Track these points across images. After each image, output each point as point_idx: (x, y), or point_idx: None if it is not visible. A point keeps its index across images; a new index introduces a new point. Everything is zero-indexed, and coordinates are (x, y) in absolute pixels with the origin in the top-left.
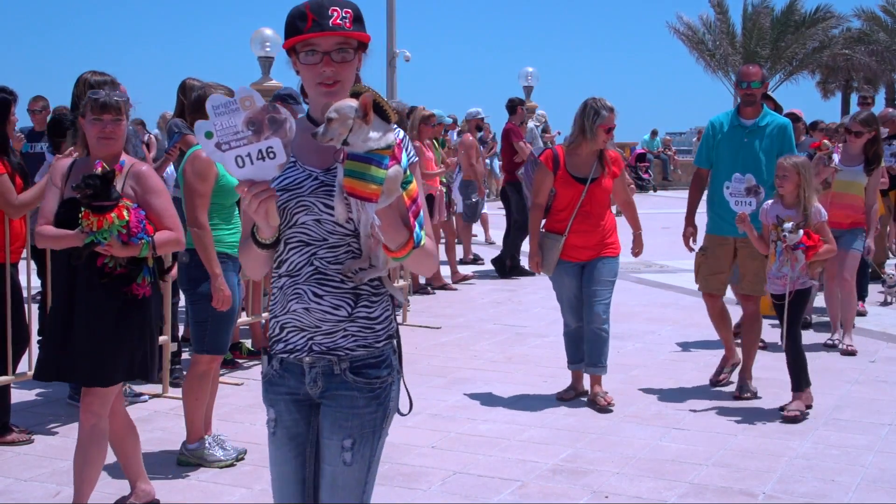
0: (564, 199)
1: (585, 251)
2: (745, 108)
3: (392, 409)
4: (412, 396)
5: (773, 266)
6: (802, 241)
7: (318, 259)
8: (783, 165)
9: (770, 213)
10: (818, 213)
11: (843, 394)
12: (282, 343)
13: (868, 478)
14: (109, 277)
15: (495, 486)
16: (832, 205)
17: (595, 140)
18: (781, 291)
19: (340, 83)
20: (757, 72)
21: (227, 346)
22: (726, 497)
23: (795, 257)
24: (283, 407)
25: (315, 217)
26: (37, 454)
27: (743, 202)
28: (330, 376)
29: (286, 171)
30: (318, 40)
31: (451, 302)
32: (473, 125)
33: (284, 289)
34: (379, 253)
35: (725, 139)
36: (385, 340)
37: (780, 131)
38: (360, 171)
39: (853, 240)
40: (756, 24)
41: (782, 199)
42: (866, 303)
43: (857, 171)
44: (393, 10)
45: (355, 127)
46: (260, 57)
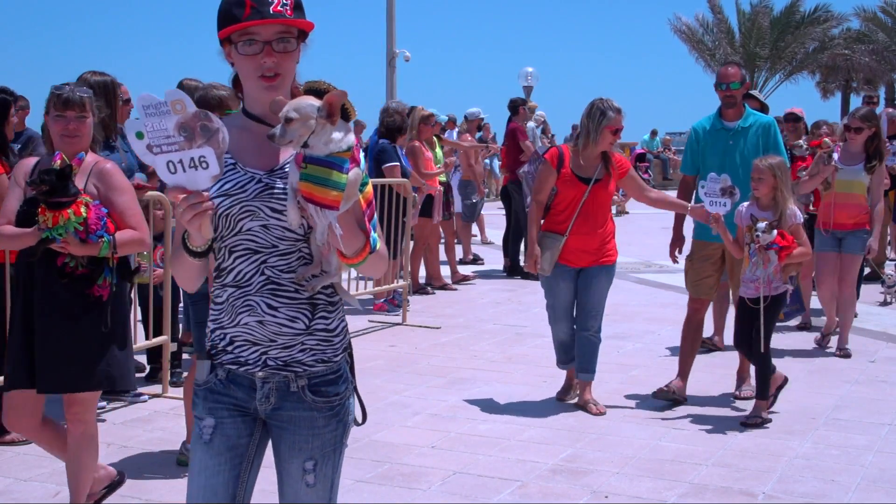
0: (566, 199)
1: (584, 256)
2: (726, 110)
3: (350, 423)
4: (414, 397)
5: (747, 269)
6: (776, 242)
7: (269, 268)
8: (758, 167)
9: (745, 216)
10: (794, 216)
11: (843, 394)
12: (230, 355)
13: (868, 478)
14: (70, 278)
15: (495, 486)
16: (834, 206)
17: (601, 141)
18: (754, 295)
19: (282, 76)
20: (736, 73)
21: None
22: (726, 497)
23: (768, 258)
24: (227, 415)
25: (262, 223)
26: (37, 454)
27: (717, 202)
28: (285, 393)
29: (226, 175)
30: (258, 29)
31: (451, 302)
32: (474, 125)
33: (232, 300)
34: (332, 258)
35: (709, 144)
36: (342, 353)
37: (765, 131)
38: (321, 175)
39: (856, 243)
40: (755, 24)
41: (758, 201)
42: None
43: (858, 169)
44: (393, 10)
45: (318, 128)
46: None
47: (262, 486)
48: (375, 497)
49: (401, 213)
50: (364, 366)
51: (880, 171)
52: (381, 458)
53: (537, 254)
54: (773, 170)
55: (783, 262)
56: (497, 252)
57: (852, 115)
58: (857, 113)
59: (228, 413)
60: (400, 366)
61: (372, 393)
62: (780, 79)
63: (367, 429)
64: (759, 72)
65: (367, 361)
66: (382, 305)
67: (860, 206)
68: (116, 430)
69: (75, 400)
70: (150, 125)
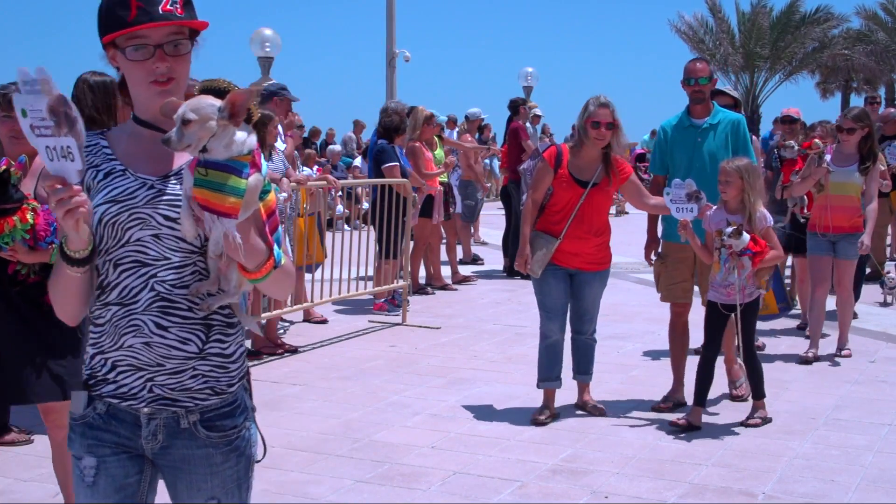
0: (561, 200)
1: (576, 258)
2: (694, 106)
3: (253, 455)
4: (413, 397)
5: (718, 274)
6: (749, 247)
7: (159, 283)
8: (725, 170)
9: (713, 220)
10: (763, 218)
11: (843, 394)
12: (111, 385)
13: (868, 478)
14: (22, 286)
15: (495, 486)
16: (829, 208)
17: (587, 138)
18: (727, 301)
19: (176, 80)
20: (704, 68)
21: None
22: (726, 497)
23: (742, 263)
24: (109, 453)
25: (153, 232)
26: (36, 454)
27: (684, 209)
28: (175, 430)
29: (114, 181)
30: (147, 32)
31: (451, 302)
32: (475, 125)
33: (115, 320)
34: (231, 274)
35: (678, 142)
36: (239, 382)
37: (734, 128)
38: (219, 181)
39: (850, 248)
40: (755, 24)
41: (725, 204)
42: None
43: (852, 170)
44: (393, 10)
45: (219, 130)
46: (260, 57)
47: (264, 487)
48: (375, 497)
49: (400, 213)
50: (364, 366)
51: (873, 171)
52: (381, 458)
53: (528, 254)
54: (740, 172)
55: (756, 268)
56: (497, 252)
57: (844, 115)
58: (849, 113)
59: (111, 451)
60: (400, 366)
61: (372, 393)
62: (779, 79)
63: (367, 429)
64: (758, 72)
65: (367, 361)
66: (382, 305)
67: (855, 208)
68: None
69: (51, 409)
70: (29, 103)
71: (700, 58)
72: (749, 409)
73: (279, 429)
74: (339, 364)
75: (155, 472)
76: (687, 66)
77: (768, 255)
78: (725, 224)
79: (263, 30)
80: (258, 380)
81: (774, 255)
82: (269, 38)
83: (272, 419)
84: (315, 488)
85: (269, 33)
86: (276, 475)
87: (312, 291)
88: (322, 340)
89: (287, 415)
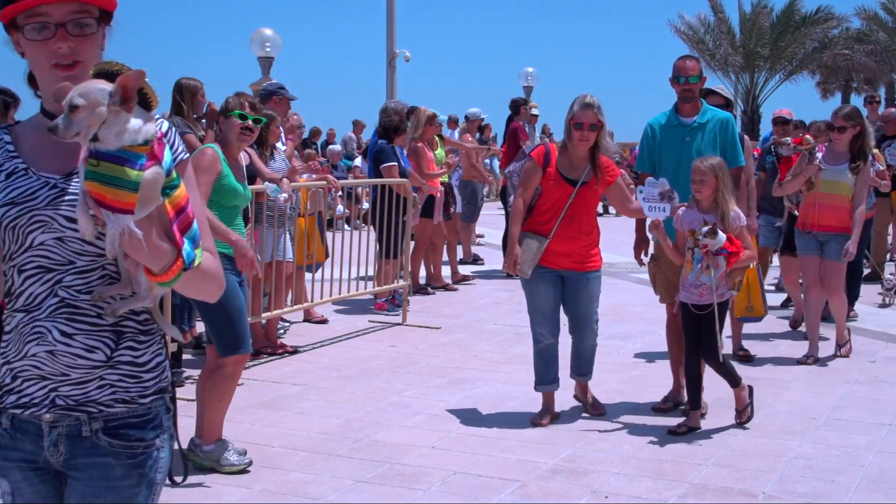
0: (550, 199)
1: (565, 259)
2: (683, 105)
3: (160, 483)
4: (414, 397)
5: (690, 274)
6: (725, 247)
7: (64, 288)
8: (699, 168)
9: (685, 220)
10: (738, 218)
11: (843, 394)
12: (14, 395)
13: (868, 478)
14: None
15: (495, 486)
16: (818, 206)
17: (570, 139)
18: (699, 301)
19: (82, 64)
20: (694, 66)
21: (247, 341)
22: (726, 497)
23: (717, 263)
24: (21, 476)
25: (56, 235)
26: None
27: (657, 208)
28: (76, 440)
29: (15, 181)
30: (48, 8)
31: (451, 302)
32: (475, 125)
33: (20, 327)
34: (140, 277)
35: (665, 140)
36: (154, 395)
37: (723, 127)
38: (111, 174)
39: (839, 249)
40: (756, 24)
41: (698, 204)
42: (858, 303)
43: (843, 169)
44: (393, 10)
45: (110, 117)
46: (260, 57)
47: (264, 487)
48: (375, 497)
49: (400, 213)
50: (364, 366)
51: (864, 172)
52: (381, 458)
53: (517, 254)
54: (714, 171)
55: (731, 267)
56: (497, 252)
57: (835, 113)
58: (840, 111)
59: (21, 473)
60: (400, 366)
61: (372, 393)
62: (780, 79)
63: (367, 429)
64: (759, 72)
65: (368, 361)
66: (383, 305)
67: (845, 208)
68: None
69: None
70: None
71: (690, 55)
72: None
73: (279, 429)
74: (340, 364)
75: None
76: (676, 63)
77: (743, 256)
78: (700, 223)
79: (263, 30)
80: (258, 380)
81: (749, 256)
82: (269, 38)
83: (272, 419)
84: (315, 488)
85: (269, 33)
86: (276, 475)
87: (313, 291)
88: (322, 340)
89: (287, 415)
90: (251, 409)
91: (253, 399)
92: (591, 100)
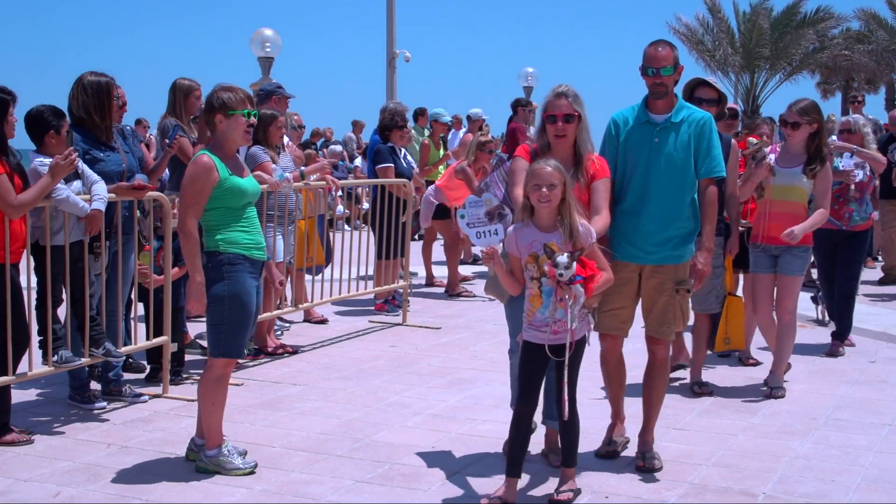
0: None
1: None
2: (654, 101)
3: None
4: (414, 397)
5: (539, 311)
6: (577, 273)
7: None
8: (545, 172)
9: (521, 241)
10: (588, 234)
11: (843, 394)
12: None
13: (868, 478)
14: None
15: (495, 486)
16: (769, 215)
17: (546, 134)
18: (555, 341)
19: None
20: (667, 54)
21: (242, 349)
22: (726, 497)
23: (574, 295)
24: None
25: None
26: (37, 454)
27: (487, 232)
28: None
29: None
30: None
31: (451, 302)
32: (476, 126)
33: None
34: None
35: (633, 140)
36: None
37: (699, 128)
38: None
39: (793, 262)
40: (756, 24)
41: (536, 219)
42: (858, 303)
43: (796, 172)
44: (393, 10)
45: None
46: (260, 57)
47: (264, 487)
48: (375, 497)
49: (399, 213)
50: (364, 366)
51: (823, 176)
52: (381, 458)
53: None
54: (562, 173)
55: (591, 295)
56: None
57: (790, 107)
58: (795, 105)
59: None
60: (400, 366)
61: (372, 393)
62: (780, 79)
63: (368, 429)
64: (759, 72)
65: (368, 362)
66: (383, 306)
67: (799, 216)
68: (117, 430)
69: None
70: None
71: (663, 40)
72: (748, 410)
73: (279, 429)
74: (340, 364)
75: None
76: (646, 50)
77: (601, 280)
78: (541, 245)
79: (263, 30)
80: (258, 380)
81: (606, 279)
82: (269, 38)
83: (272, 419)
84: (315, 488)
85: (269, 33)
86: (276, 475)
87: (313, 291)
88: (322, 340)
89: (287, 415)
90: (251, 409)
91: (253, 399)
92: (566, 88)
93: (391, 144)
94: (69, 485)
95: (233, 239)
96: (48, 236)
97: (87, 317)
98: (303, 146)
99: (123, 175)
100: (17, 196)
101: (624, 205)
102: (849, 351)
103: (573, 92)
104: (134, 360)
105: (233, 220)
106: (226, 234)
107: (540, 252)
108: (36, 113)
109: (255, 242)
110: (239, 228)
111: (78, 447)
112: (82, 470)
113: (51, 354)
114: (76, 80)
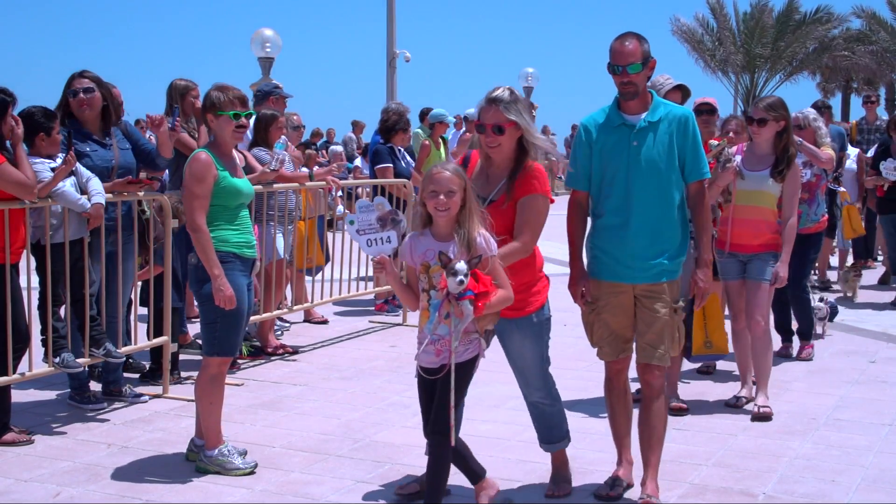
0: None
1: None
2: (626, 102)
3: None
4: (414, 397)
5: (426, 326)
6: (469, 287)
7: None
8: (442, 177)
9: (416, 250)
10: (488, 244)
11: (843, 394)
12: None
13: (868, 478)
14: None
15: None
16: (734, 221)
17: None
18: (436, 364)
19: None
20: (634, 50)
21: (237, 347)
22: (726, 497)
23: (461, 311)
24: None
25: None
26: (37, 454)
27: (378, 240)
28: None
29: None
30: None
31: None
32: (473, 126)
33: None
34: None
35: (608, 146)
36: None
37: (681, 126)
38: None
39: (763, 267)
40: (756, 24)
41: (433, 227)
42: (858, 302)
43: (764, 176)
44: (393, 10)
45: None
46: (260, 57)
47: (264, 487)
48: (376, 497)
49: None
50: (365, 366)
51: (792, 178)
52: (381, 458)
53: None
54: (462, 178)
55: (482, 314)
56: None
57: (756, 103)
58: (761, 102)
59: None
60: (400, 366)
61: (373, 393)
62: (780, 79)
63: (368, 429)
64: (759, 72)
65: (368, 362)
66: (383, 306)
67: (766, 222)
68: (117, 430)
69: None
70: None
71: (631, 32)
72: (748, 410)
73: (279, 429)
74: (340, 364)
75: None
76: (612, 45)
77: (495, 297)
78: (435, 255)
79: (263, 30)
80: (258, 380)
81: (503, 297)
82: (269, 38)
83: (272, 419)
84: (315, 488)
85: (270, 33)
86: (276, 475)
87: (313, 292)
88: (322, 341)
89: (287, 415)
90: (251, 409)
91: (253, 399)
92: (499, 92)
93: (391, 145)
94: (69, 485)
95: (223, 237)
96: (48, 236)
97: (87, 317)
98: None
99: (113, 171)
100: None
101: (605, 219)
102: (849, 351)
103: (508, 97)
104: (134, 360)
105: (225, 219)
106: (217, 232)
107: (433, 262)
108: (27, 114)
109: (245, 241)
110: (230, 228)
111: (78, 447)
112: (82, 470)
113: (52, 354)
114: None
